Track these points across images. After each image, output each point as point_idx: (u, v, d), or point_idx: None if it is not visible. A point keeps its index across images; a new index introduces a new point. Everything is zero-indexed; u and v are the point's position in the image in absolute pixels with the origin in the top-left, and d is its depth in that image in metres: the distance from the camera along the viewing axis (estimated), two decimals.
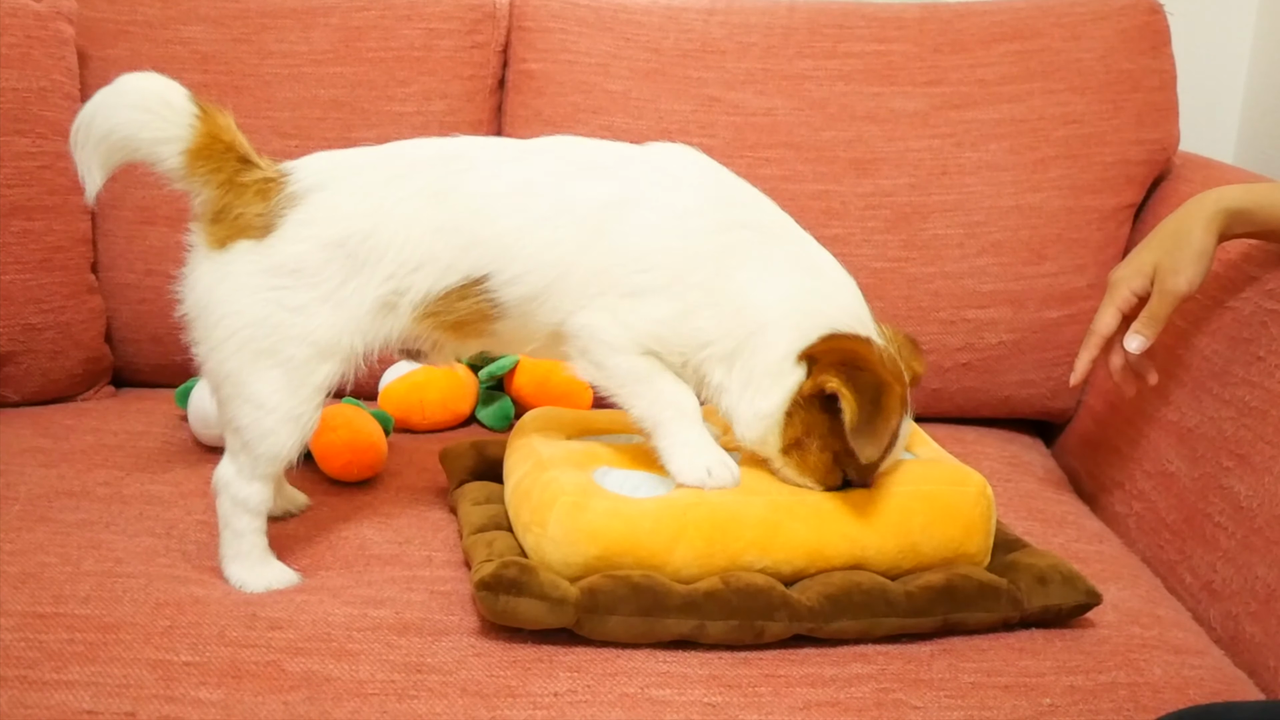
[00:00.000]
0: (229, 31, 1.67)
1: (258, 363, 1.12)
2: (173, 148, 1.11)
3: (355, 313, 1.13)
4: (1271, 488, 1.19)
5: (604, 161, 1.18)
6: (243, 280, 1.12)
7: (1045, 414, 1.71)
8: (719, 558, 1.09)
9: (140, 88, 1.12)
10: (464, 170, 1.16)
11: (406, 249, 1.13)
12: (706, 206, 1.16)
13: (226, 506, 1.16)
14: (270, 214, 1.12)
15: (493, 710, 0.99)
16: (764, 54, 1.68)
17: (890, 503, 1.13)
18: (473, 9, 1.70)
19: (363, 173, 1.15)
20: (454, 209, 1.14)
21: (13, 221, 1.56)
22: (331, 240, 1.12)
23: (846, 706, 1.01)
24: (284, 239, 1.12)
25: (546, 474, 1.14)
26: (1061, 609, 1.12)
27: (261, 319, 1.12)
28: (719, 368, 1.14)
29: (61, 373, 1.62)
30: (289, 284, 1.12)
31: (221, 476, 1.16)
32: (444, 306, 1.15)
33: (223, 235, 1.13)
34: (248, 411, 1.13)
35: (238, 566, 1.15)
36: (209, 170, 1.12)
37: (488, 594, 1.04)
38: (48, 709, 0.98)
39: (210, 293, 1.13)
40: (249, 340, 1.12)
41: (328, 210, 1.13)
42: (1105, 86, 1.65)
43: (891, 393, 1.09)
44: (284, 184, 1.13)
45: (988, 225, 1.64)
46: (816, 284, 1.16)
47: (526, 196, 1.15)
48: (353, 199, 1.13)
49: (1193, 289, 1.26)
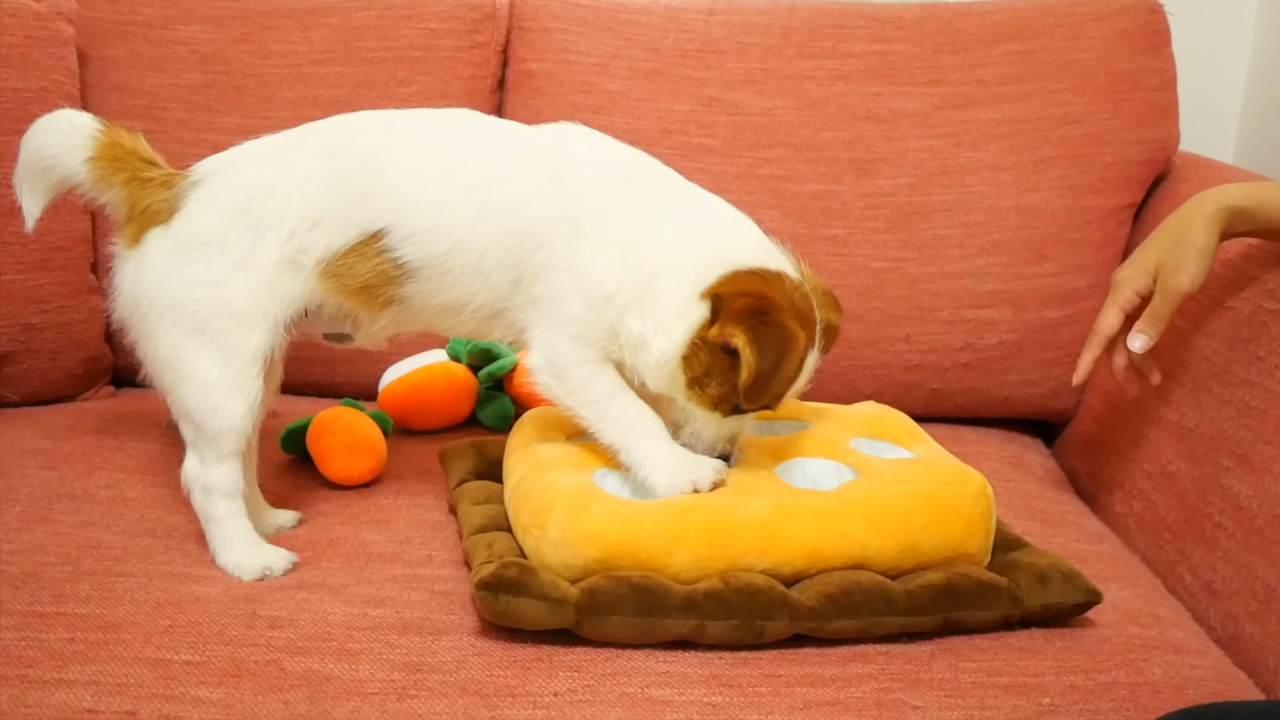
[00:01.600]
0: (229, 31, 1.67)
1: (188, 340, 1.15)
2: (77, 156, 1.18)
3: (269, 275, 1.15)
4: (1271, 488, 1.19)
5: (494, 135, 1.21)
6: (159, 265, 1.16)
7: (1045, 414, 1.71)
8: (719, 560, 1.09)
9: (51, 116, 1.21)
10: (358, 129, 1.20)
11: (305, 205, 1.15)
12: (586, 169, 1.17)
13: (200, 497, 1.18)
14: (174, 198, 1.17)
15: (493, 710, 0.99)
16: (764, 54, 1.68)
17: (890, 503, 1.13)
18: (473, 9, 1.70)
19: (259, 150, 1.20)
20: (346, 161, 1.16)
21: (13, 221, 1.55)
22: (232, 207, 1.16)
23: (846, 706, 1.01)
24: (187, 215, 1.16)
25: (546, 476, 1.14)
26: (1062, 607, 1.12)
27: (182, 297, 1.15)
28: (632, 317, 1.13)
29: (61, 373, 1.62)
30: (200, 257, 1.15)
31: (188, 471, 1.18)
32: (346, 267, 1.16)
33: (135, 231, 1.18)
34: (190, 392, 1.16)
35: (229, 553, 1.16)
36: (112, 171, 1.18)
37: (488, 594, 1.04)
38: (48, 708, 0.98)
39: (134, 287, 1.17)
40: (176, 321, 1.15)
41: (228, 183, 1.17)
42: (1105, 86, 1.65)
43: (794, 348, 1.09)
44: (188, 174, 1.19)
45: (988, 225, 1.64)
46: (712, 223, 1.16)
47: (415, 154, 1.17)
48: (252, 169, 1.18)
49: (1195, 287, 1.26)
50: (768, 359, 1.07)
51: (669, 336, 1.12)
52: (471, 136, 1.20)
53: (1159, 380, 1.34)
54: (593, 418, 1.16)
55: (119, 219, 1.20)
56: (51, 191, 1.22)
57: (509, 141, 1.20)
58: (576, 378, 1.15)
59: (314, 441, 1.38)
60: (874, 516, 1.12)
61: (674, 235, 1.14)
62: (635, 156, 1.21)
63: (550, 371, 1.16)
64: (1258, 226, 1.28)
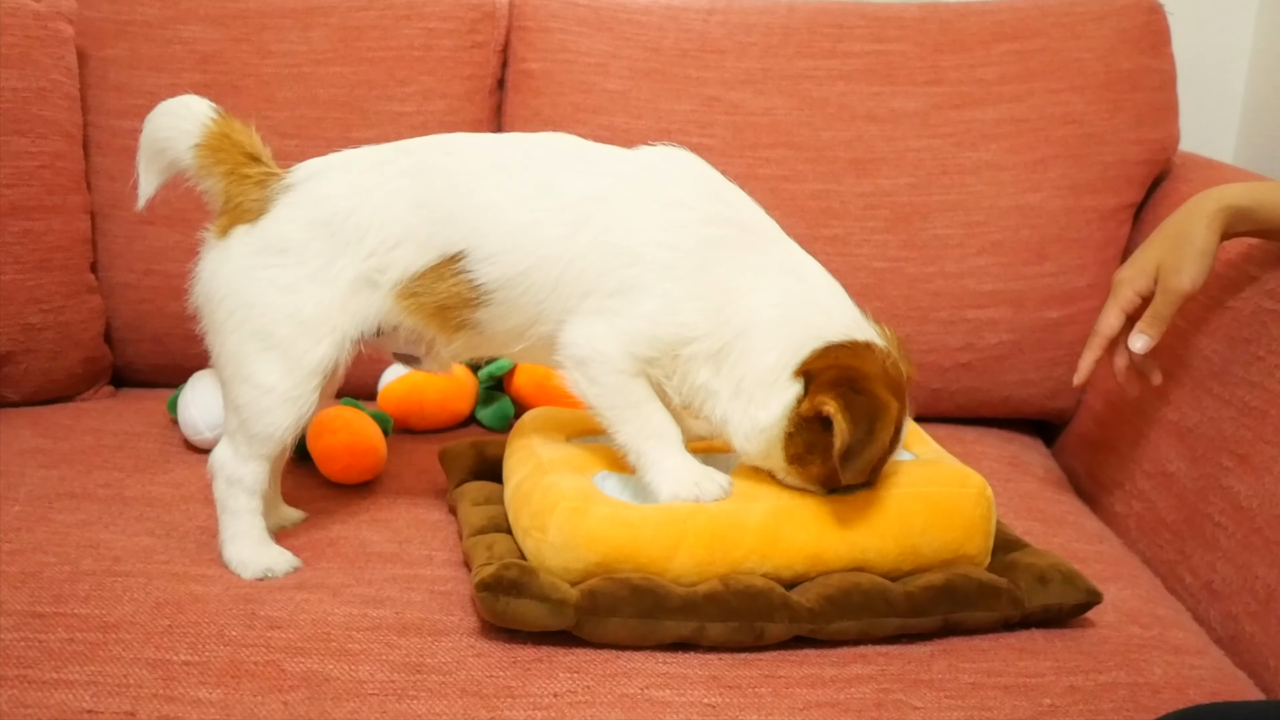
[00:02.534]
0: (229, 31, 1.67)
1: (254, 343, 1.16)
2: (186, 141, 1.19)
3: (342, 290, 1.16)
4: (1271, 488, 1.19)
5: (592, 157, 1.20)
6: (239, 263, 1.17)
7: (1045, 414, 1.71)
8: (719, 564, 1.09)
9: (174, 100, 1.21)
10: (450, 152, 1.20)
11: (386, 225, 1.15)
12: (692, 200, 1.16)
13: (222, 487, 1.18)
14: (265, 199, 1.18)
15: (492, 710, 0.99)
16: (764, 54, 1.68)
17: (890, 505, 1.13)
18: (473, 9, 1.70)
19: (355, 162, 1.20)
20: (434, 185, 1.16)
21: (13, 221, 1.56)
22: (316, 220, 1.16)
23: (846, 707, 1.01)
24: (273, 219, 1.17)
25: (547, 478, 1.14)
26: (1062, 608, 1.12)
27: (255, 299, 1.16)
28: (705, 368, 1.13)
29: (61, 373, 1.62)
30: (278, 262, 1.16)
31: (218, 457, 1.18)
32: (424, 287, 1.16)
33: (225, 224, 1.19)
34: (246, 391, 1.16)
35: (236, 547, 1.16)
36: (214, 162, 1.19)
37: (488, 595, 1.04)
38: (47, 708, 0.98)
39: (213, 278, 1.18)
40: (244, 320, 1.16)
41: (317, 193, 1.18)
42: (1105, 86, 1.65)
43: (887, 416, 1.07)
44: (283, 176, 1.19)
45: (988, 225, 1.64)
46: (805, 291, 1.15)
47: (507, 176, 1.16)
48: (340, 182, 1.18)
49: (1196, 287, 1.26)
50: (861, 427, 1.06)
51: (765, 409, 1.12)
52: (567, 157, 1.19)
53: (1160, 380, 1.34)
54: (616, 420, 1.15)
55: (214, 209, 1.21)
56: (165, 173, 1.22)
57: (607, 162, 1.19)
58: (613, 383, 1.14)
59: (314, 441, 1.38)
60: (874, 519, 1.12)
61: (769, 300, 1.13)
62: (738, 195, 1.19)
63: (586, 368, 1.14)
64: (1258, 226, 1.28)
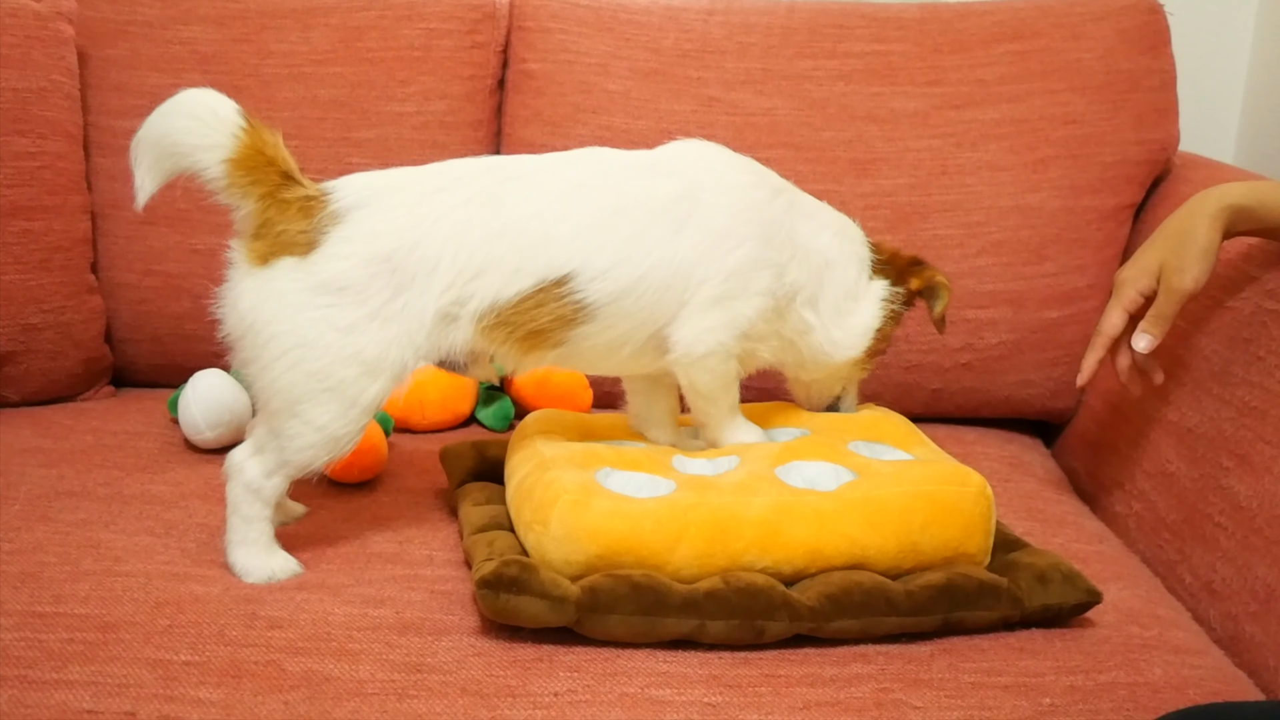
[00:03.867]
0: (229, 31, 1.67)
1: (310, 383, 1.12)
2: (215, 155, 1.11)
3: (408, 327, 1.13)
4: (1271, 488, 1.19)
5: (635, 161, 1.24)
6: (289, 299, 1.12)
7: (1045, 414, 1.71)
8: (720, 557, 1.09)
9: (193, 98, 1.13)
10: (509, 178, 1.18)
11: (462, 257, 1.13)
12: (758, 179, 1.27)
13: (238, 492, 1.15)
14: (313, 231, 1.12)
15: (493, 710, 0.99)
16: (764, 54, 1.68)
17: (891, 502, 1.13)
18: (473, 9, 1.70)
19: (403, 190, 1.16)
20: (510, 213, 1.15)
21: (13, 221, 1.56)
22: (376, 256, 1.12)
23: (847, 706, 1.01)
24: (327, 256, 1.12)
25: (549, 473, 1.14)
26: (1062, 608, 1.12)
27: (312, 339, 1.12)
28: (807, 309, 1.27)
29: (61, 373, 1.62)
30: (336, 302, 1.12)
31: (238, 462, 1.16)
32: (520, 314, 1.15)
33: (265, 251, 1.13)
34: (295, 425, 1.13)
35: (243, 553, 1.15)
36: (249, 182, 1.12)
37: (488, 592, 1.04)
38: (47, 708, 0.98)
39: (255, 311, 1.13)
40: (299, 361, 1.12)
41: (369, 227, 1.13)
42: (1105, 86, 1.66)
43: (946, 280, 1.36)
44: (326, 202, 1.13)
45: (988, 225, 1.64)
46: (838, 221, 1.32)
47: (591, 193, 1.18)
48: (394, 214, 1.14)
49: (1198, 286, 1.26)
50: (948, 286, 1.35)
51: (859, 314, 1.31)
52: (627, 166, 1.23)
53: (1162, 379, 1.35)
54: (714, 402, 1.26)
55: (244, 229, 1.14)
56: (172, 175, 1.13)
57: (656, 164, 1.24)
58: (725, 369, 1.24)
59: None
60: (874, 516, 1.12)
61: (830, 237, 1.29)
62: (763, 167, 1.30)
63: (706, 360, 1.22)
64: (1259, 225, 1.28)
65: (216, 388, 1.45)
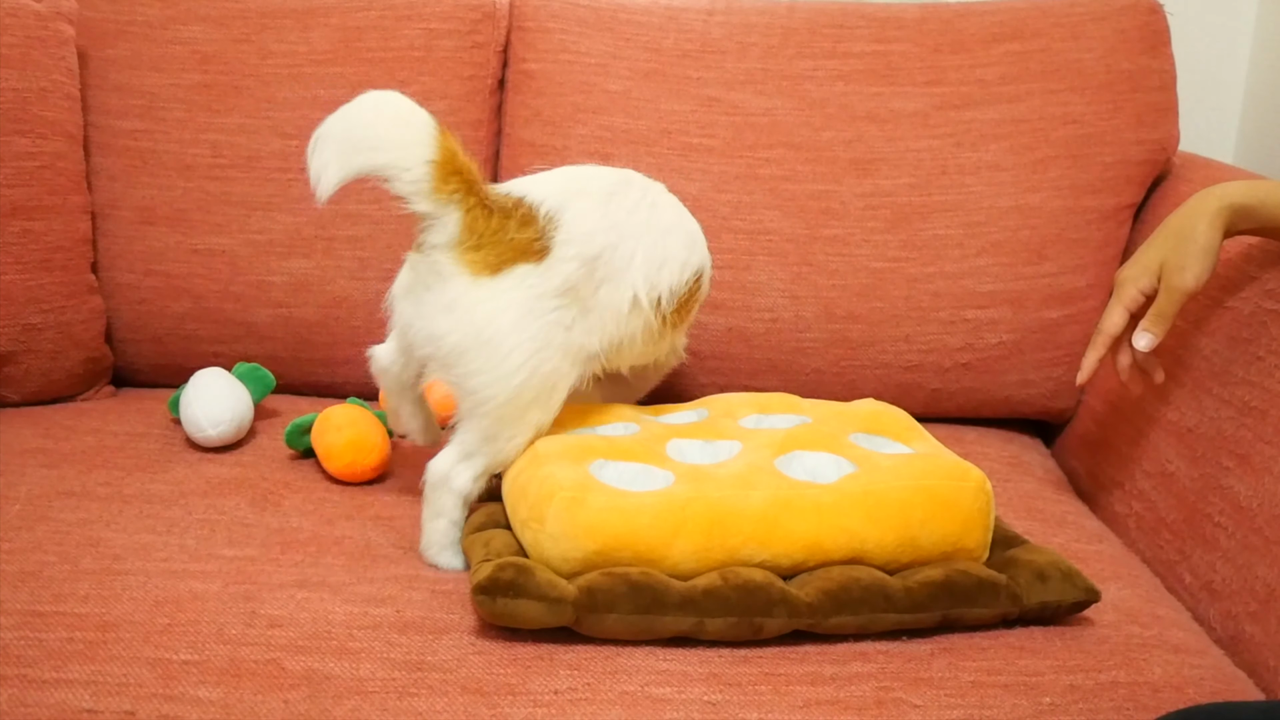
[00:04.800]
0: (229, 31, 1.68)
1: (542, 386, 1.16)
2: (419, 154, 1.09)
3: (605, 316, 1.21)
4: (1271, 488, 1.19)
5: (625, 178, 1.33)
6: (529, 305, 1.14)
7: (1045, 414, 1.71)
8: (717, 552, 1.09)
9: (388, 97, 1.11)
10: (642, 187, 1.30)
11: (651, 250, 1.24)
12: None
13: (448, 500, 1.17)
14: (544, 237, 1.15)
15: (493, 708, 0.99)
16: (764, 54, 1.68)
17: (890, 496, 1.13)
18: (473, 9, 1.71)
19: (581, 194, 1.21)
20: (672, 214, 1.31)
21: (13, 221, 1.56)
22: (589, 255, 1.18)
23: (846, 705, 1.01)
24: (559, 259, 1.16)
25: (544, 469, 1.14)
26: (1060, 605, 1.12)
27: (550, 342, 1.15)
28: None
29: (61, 373, 1.62)
30: (564, 303, 1.16)
31: (444, 471, 1.18)
32: (681, 302, 1.30)
33: (494, 261, 1.13)
34: (516, 428, 1.17)
35: (450, 555, 1.18)
36: (452, 189, 1.11)
37: (485, 598, 1.04)
38: (47, 707, 0.98)
39: (493, 322, 1.13)
40: (539, 366, 1.15)
41: (580, 229, 1.18)
42: (1105, 86, 1.66)
43: None
44: (537, 207, 1.16)
45: (988, 225, 1.64)
46: None
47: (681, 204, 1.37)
48: (592, 217, 1.20)
49: (1199, 285, 1.26)
50: None
51: None
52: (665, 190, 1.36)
53: (1163, 378, 1.35)
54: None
55: (449, 239, 1.12)
56: (359, 173, 1.09)
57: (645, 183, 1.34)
58: None
59: (319, 438, 1.39)
60: (873, 510, 1.12)
61: None
62: None
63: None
64: (1260, 224, 1.28)
65: (217, 386, 1.46)
